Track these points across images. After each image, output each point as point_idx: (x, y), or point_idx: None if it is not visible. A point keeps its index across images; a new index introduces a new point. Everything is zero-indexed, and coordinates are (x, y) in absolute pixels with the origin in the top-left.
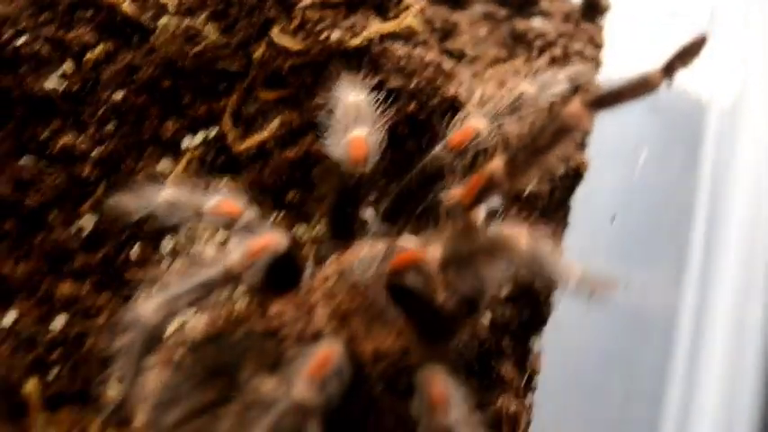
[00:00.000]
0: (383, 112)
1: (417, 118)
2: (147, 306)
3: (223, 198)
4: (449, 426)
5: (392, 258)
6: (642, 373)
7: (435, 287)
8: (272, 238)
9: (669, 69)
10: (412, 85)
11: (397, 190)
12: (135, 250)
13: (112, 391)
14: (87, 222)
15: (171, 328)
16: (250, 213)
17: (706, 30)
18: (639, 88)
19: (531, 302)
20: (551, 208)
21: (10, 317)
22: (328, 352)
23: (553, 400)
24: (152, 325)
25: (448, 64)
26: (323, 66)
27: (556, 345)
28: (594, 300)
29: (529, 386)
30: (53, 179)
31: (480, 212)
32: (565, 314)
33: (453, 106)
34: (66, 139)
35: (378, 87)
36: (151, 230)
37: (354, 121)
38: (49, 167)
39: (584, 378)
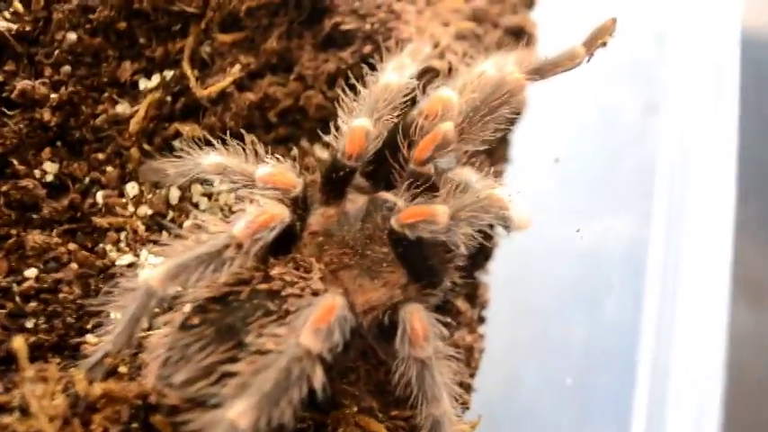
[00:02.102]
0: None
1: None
2: (152, 272)
3: (277, 168)
4: (427, 357)
5: (379, 213)
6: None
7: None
8: (277, 212)
9: (589, 46)
10: (366, 27)
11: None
12: (100, 196)
13: (92, 341)
14: (50, 169)
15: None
16: (301, 184)
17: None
18: (567, 61)
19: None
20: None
21: None
22: (331, 302)
23: (505, 331)
24: (155, 290)
25: (397, 5)
26: (279, 8)
27: (506, 278)
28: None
29: (480, 318)
30: (14, 125)
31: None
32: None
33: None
34: (23, 84)
35: (333, 30)
36: (113, 177)
37: (368, 107)
38: (8, 113)
39: (535, 309)
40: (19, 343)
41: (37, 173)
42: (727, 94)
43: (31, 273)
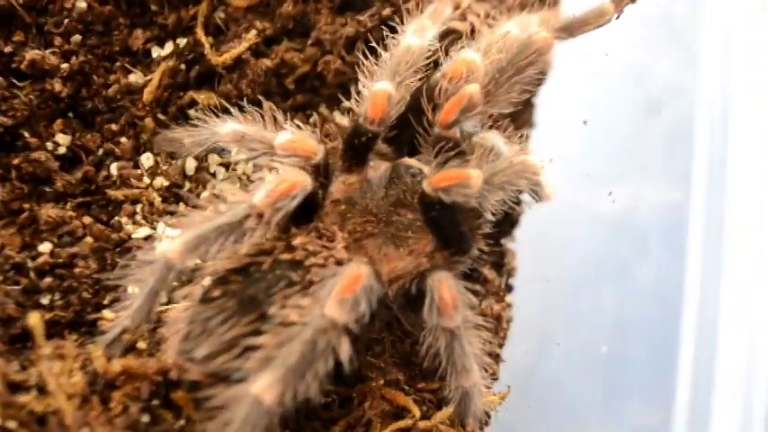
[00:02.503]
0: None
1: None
2: (170, 245)
3: (297, 135)
4: (456, 327)
5: (403, 179)
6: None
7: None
8: (298, 180)
9: (618, 2)
10: None
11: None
12: (114, 168)
13: (109, 316)
14: (63, 140)
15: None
16: (322, 150)
17: None
18: (596, 18)
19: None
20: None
21: None
22: (357, 271)
23: (532, 300)
24: (174, 263)
25: None
26: None
27: (533, 245)
28: None
29: (508, 287)
30: (24, 96)
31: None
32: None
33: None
34: (33, 54)
35: None
36: (128, 148)
37: (390, 71)
38: (18, 85)
39: (563, 277)
40: (35, 319)
41: (49, 145)
42: None
43: (45, 247)
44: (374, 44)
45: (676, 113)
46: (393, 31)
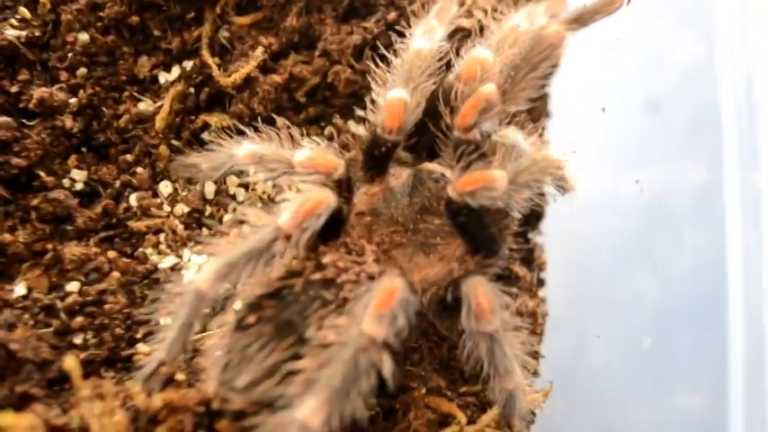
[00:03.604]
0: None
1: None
2: (200, 275)
3: (316, 151)
4: (495, 331)
5: (426, 185)
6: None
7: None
8: (323, 197)
9: None
10: None
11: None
12: (133, 199)
13: (144, 350)
14: (79, 176)
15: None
16: (343, 165)
17: None
18: (606, 6)
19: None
20: None
21: (20, 289)
22: (391, 285)
23: (565, 293)
24: (205, 293)
25: None
26: None
27: (560, 237)
28: None
29: (539, 281)
30: (36, 135)
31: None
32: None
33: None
34: (40, 92)
35: None
36: (145, 177)
37: (402, 77)
38: (28, 124)
39: (594, 268)
40: (71, 363)
41: (66, 182)
42: None
43: (73, 287)
44: (382, 50)
45: (696, 93)
46: (401, 35)
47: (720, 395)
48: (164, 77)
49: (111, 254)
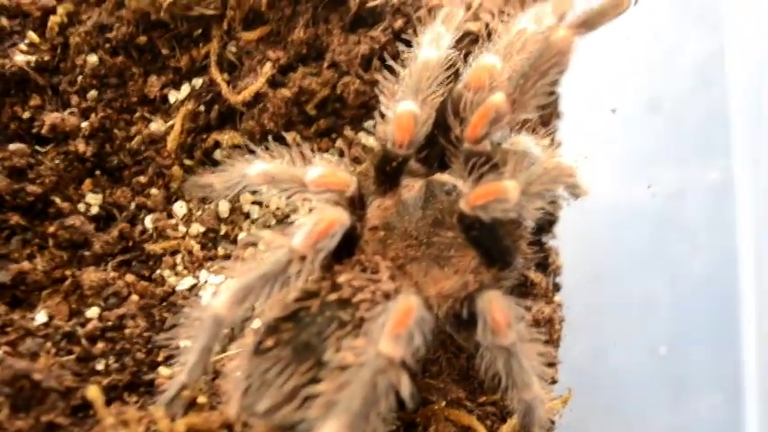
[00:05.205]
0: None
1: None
2: (218, 299)
3: (327, 170)
4: (511, 344)
5: (439, 197)
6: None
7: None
8: (336, 217)
9: None
10: (394, 0)
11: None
12: (149, 221)
13: (166, 373)
14: (94, 200)
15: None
16: (354, 181)
17: None
18: (614, 9)
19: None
20: None
21: (41, 317)
22: (407, 305)
23: (581, 297)
24: (223, 318)
25: None
26: None
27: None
28: None
29: (555, 286)
30: (50, 162)
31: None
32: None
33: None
34: (52, 118)
35: (360, 8)
36: (159, 199)
37: (411, 89)
38: (41, 150)
39: (610, 273)
40: (94, 393)
41: (81, 207)
42: None
43: (92, 312)
44: (390, 60)
45: (708, 94)
46: (408, 44)
47: (738, 397)
48: (174, 96)
49: (130, 277)
